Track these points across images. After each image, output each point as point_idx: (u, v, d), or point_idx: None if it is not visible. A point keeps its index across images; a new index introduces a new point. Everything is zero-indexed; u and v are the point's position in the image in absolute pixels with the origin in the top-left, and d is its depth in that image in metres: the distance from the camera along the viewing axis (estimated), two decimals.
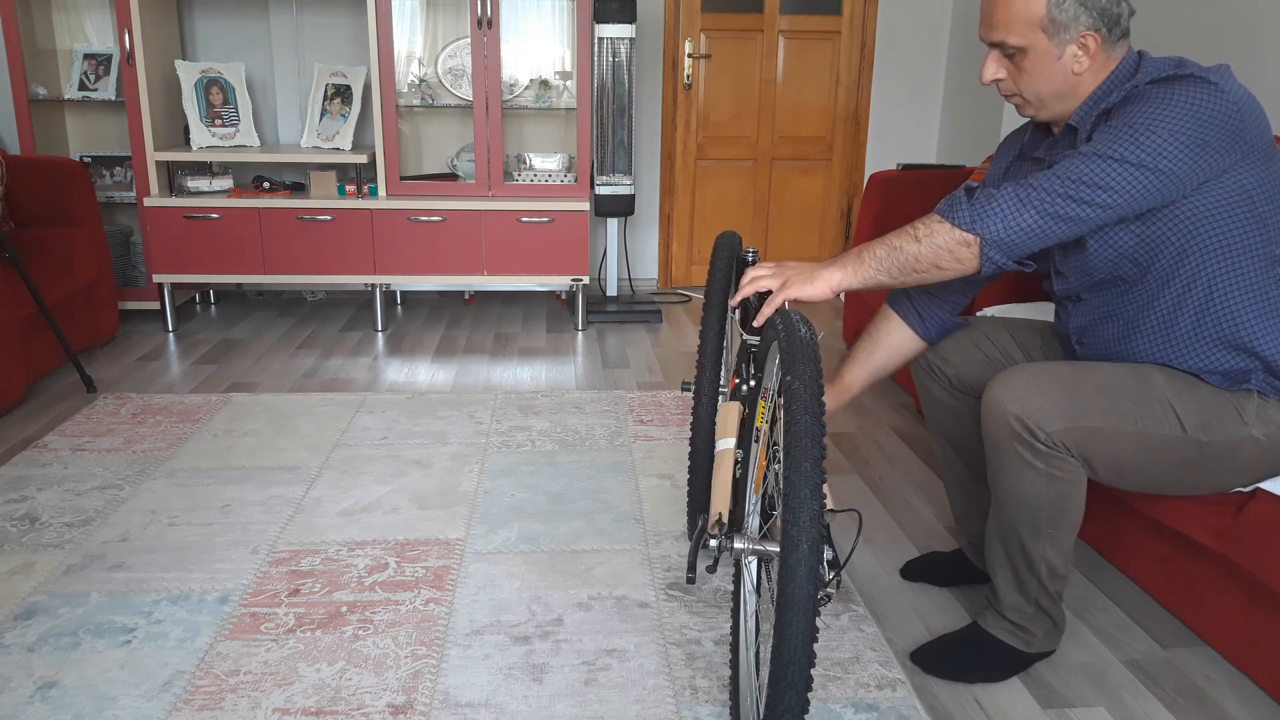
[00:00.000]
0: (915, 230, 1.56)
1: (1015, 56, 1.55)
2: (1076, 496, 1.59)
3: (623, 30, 3.75)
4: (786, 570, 1.22)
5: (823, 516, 1.37)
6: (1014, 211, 1.49)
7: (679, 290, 4.59)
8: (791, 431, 1.26)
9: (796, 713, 1.26)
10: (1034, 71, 1.54)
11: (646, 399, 3.09)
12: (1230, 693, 1.70)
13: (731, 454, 1.54)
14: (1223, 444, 1.55)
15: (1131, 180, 1.45)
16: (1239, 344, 1.54)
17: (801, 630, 1.23)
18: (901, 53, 4.43)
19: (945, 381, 1.86)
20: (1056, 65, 1.53)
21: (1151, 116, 1.44)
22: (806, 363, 1.33)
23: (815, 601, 1.23)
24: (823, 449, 1.26)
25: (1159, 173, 1.44)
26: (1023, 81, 1.57)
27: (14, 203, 3.34)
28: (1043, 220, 1.49)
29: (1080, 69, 1.53)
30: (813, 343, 1.37)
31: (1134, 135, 1.44)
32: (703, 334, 1.93)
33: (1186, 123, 1.43)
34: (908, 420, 2.97)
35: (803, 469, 1.24)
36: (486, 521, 2.26)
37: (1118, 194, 1.46)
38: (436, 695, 1.65)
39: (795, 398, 1.28)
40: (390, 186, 3.78)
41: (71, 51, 3.87)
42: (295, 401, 3.02)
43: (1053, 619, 1.72)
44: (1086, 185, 1.46)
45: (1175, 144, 1.43)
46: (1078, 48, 1.51)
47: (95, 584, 1.97)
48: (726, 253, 1.98)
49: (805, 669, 1.25)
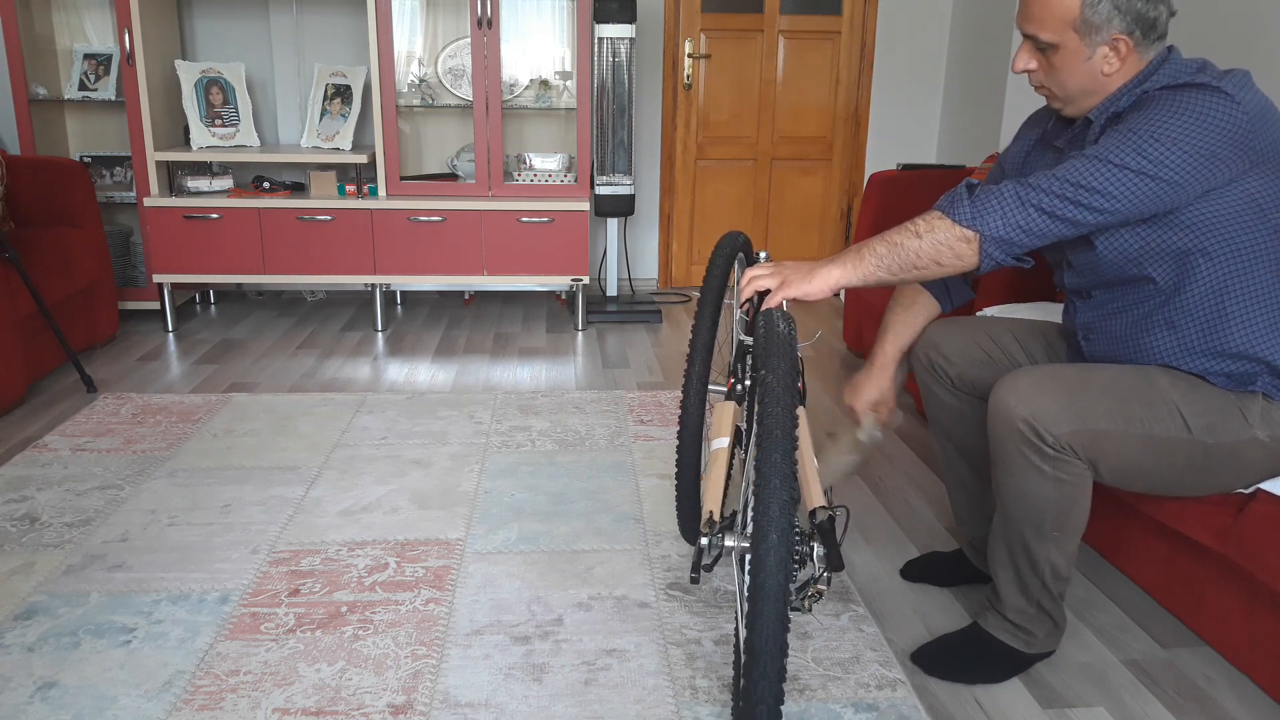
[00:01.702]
0: (915, 226, 1.56)
1: (1047, 51, 1.55)
2: (1082, 499, 1.59)
3: (623, 30, 3.75)
4: (756, 560, 1.23)
5: (813, 514, 1.38)
6: (1014, 210, 1.49)
7: (679, 290, 4.59)
8: (763, 424, 1.26)
9: (771, 703, 1.26)
10: (1063, 68, 1.55)
11: (646, 399, 3.09)
12: (1230, 693, 1.70)
13: (725, 453, 1.54)
14: (1227, 445, 1.55)
15: (1131, 186, 1.45)
16: (1247, 350, 1.54)
17: (772, 620, 1.23)
18: (901, 53, 4.43)
19: (948, 381, 1.85)
20: (1086, 65, 1.53)
21: (1157, 124, 1.44)
22: (780, 357, 1.33)
23: (786, 591, 1.23)
24: (793, 441, 1.26)
25: (1160, 180, 1.44)
26: (1052, 77, 1.57)
27: (14, 203, 3.34)
28: (1041, 220, 1.49)
29: (1110, 70, 1.53)
30: (789, 338, 1.38)
31: (1138, 141, 1.44)
32: (695, 329, 1.92)
33: (1192, 131, 1.43)
34: (908, 420, 2.97)
35: (772, 460, 1.24)
36: (486, 521, 2.26)
37: (1117, 199, 1.46)
38: (436, 695, 1.65)
39: (768, 391, 1.29)
40: (390, 186, 3.78)
41: (71, 51, 3.87)
42: (295, 401, 3.02)
43: (1054, 619, 1.72)
44: (1086, 189, 1.46)
45: (1178, 153, 1.43)
46: (1109, 49, 1.51)
47: (95, 584, 1.97)
48: (727, 252, 1.97)
49: (778, 659, 1.25)
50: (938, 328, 1.89)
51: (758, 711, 1.27)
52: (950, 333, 1.86)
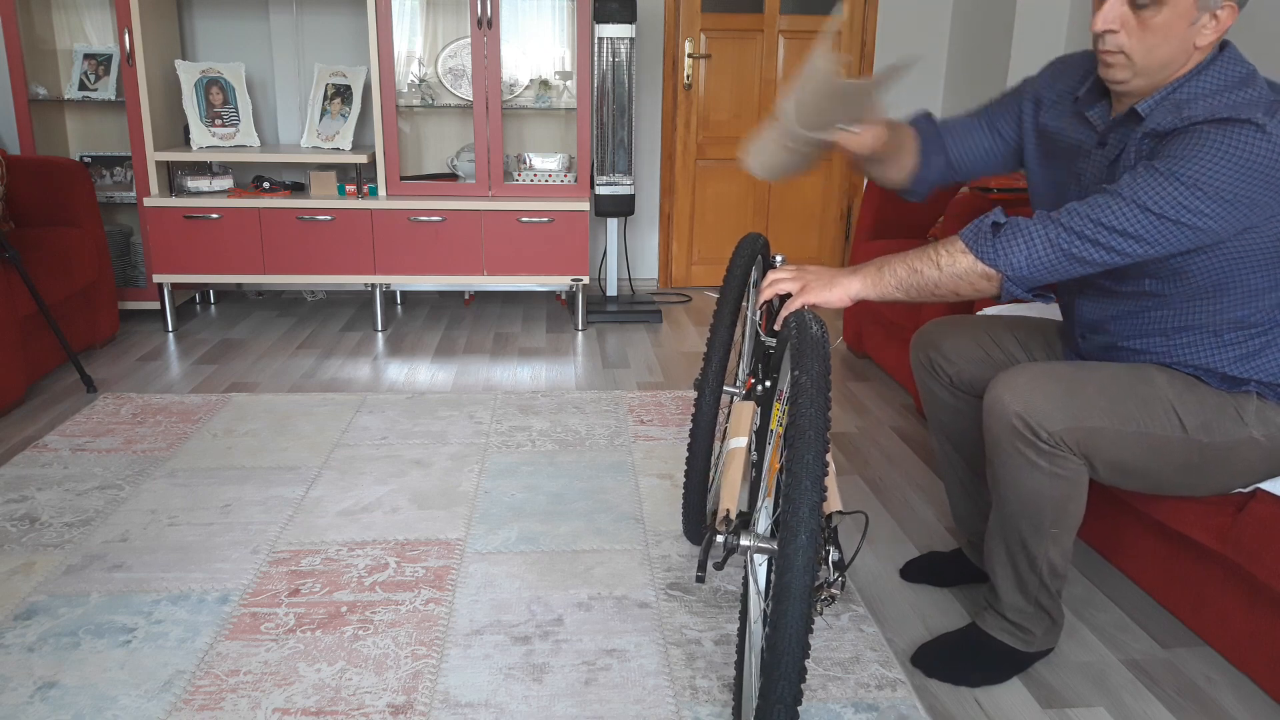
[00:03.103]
0: (937, 257, 1.53)
1: (1147, 10, 1.40)
2: (1078, 495, 1.59)
3: (623, 30, 3.75)
4: (784, 560, 1.23)
5: (830, 517, 1.38)
6: (1041, 251, 1.46)
7: (679, 290, 4.59)
8: (795, 424, 1.26)
9: (789, 703, 1.26)
10: (1162, 31, 1.40)
11: (646, 399, 3.09)
12: (1230, 693, 1.70)
13: (743, 452, 1.54)
14: (1223, 445, 1.56)
15: (1166, 234, 1.41)
16: (1244, 373, 1.56)
17: (796, 619, 1.23)
18: (901, 52, 4.43)
19: (946, 380, 1.86)
20: (1187, 31, 1.40)
21: (1198, 169, 1.37)
22: (815, 359, 1.34)
23: (811, 592, 1.23)
24: (826, 443, 1.26)
25: (1193, 229, 1.40)
26: (1142, 40, 1.42)
27: (14, 203, 3.34)
28: (1069, 263, 1.46)
29: (1203, 42, 1.42)
30: (823, 341, 1.38)
31: (1176, 189, 1.38)
32: (713, 329, 1.93)
33: (1234, 179, 1.36)
34: (908, 420, 2.97)
35: (804, 460, 1.24)
36: (486, 521, 2.26)
37: (1148, 244, 1.42)
38: (436, 695, 1.65)
39: (801, 391, 1.29)
40: (390, 186, 3.78)
41: (71, 51, 3.87)
42: (295, 401, 3.02)
43: (1052, 617, 1.72)
44: (1118, 233, 1.42)
45: (1215, 203, 1.38)
46: (1211, 17, 1.40)
47: (95, 584, 1.97)
48: (748, 253, 1.98)
49: (799, 659, 1.25)
50: (937, 328, 1.89)
51: (775, 710, 1.27)
52: (950, 333, 1.87)
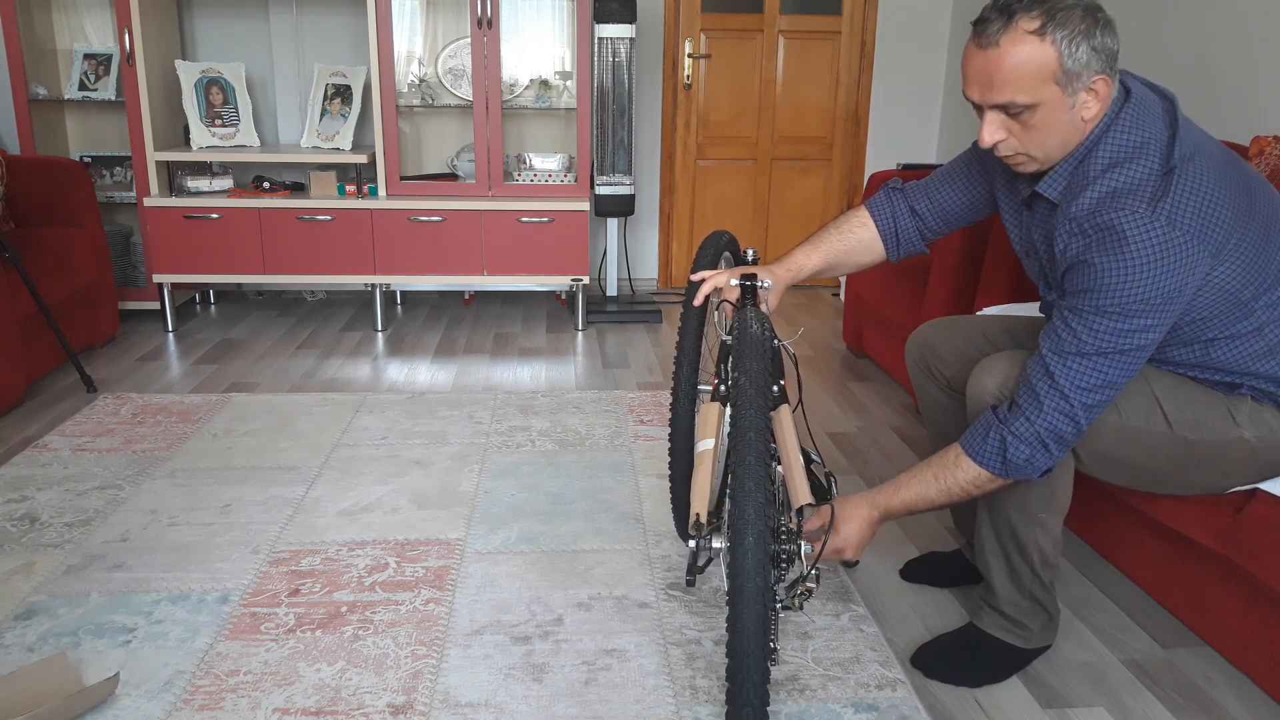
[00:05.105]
0: (943, 479, 1.57)
1: (1023, 115, 1.44)
2: (1064, 479, 1.61)
3: (623, 30, 3.75)
4: (735, 563, 1.22)
5: (800, 511, 1.38)
6: (1041, 454, 1.50)
7: (679, 290, 4.59)
8: (736, 425, 1.26)
9: (756, 705, 1.26)
10: (1045, 126, 1.44)
11: (646, 399, 3.09)
12: (1230, 693, 1.70)
13: (711, 455, 1.54)
14: (1211, 443, 1.56)
15: (1133, 359, 1.45)
16: (1237, 376, 1.56)
17: (752, 622, 1.23)
18: (901, 53, 4.43)
19: (942, 382, 1.86)
20: (1068, 116, 1.44)
21: (1122, 295, 1.40)
22: (753, 359, 1.33)
23: (765, 594, 1.23)
24: (766, 442, 1.26)
25: (1151, 336, 1.44)
26: (1031, 139, 1.46)
27: (14, 203, 3.34)
28: (1069, 446, 1.51)
29: (1090, 115, 1.44)
30: (762, 340, 1.38)
31: (1113, 324, 1.42)
32: (681, 332, 1.89)
33: (1156, 288, 1.39)
34: (908, 420, 2.97)
35: (746, 462, 1.24)
36: (486, 521, 2.26)
37: (1129, 374, 1.46)
38: (436, 695, 1.65)
39: (740, 393, 1.28)
40: (390, 186, 3.78)
41: (71, 51, 3.87)
42: (295, 401, 3.02)
43: (1047, 611, 1.72)
44: (1102, 388, 1.46)
45: (1155, 315, 1.41)
46: (1087, 94, 1.42)
47: (95, 584, 1.97)
48: (711, 253, 1.94)
49: (760, 661, 1.24)
50: (933, 329, 1.89)
51: (744, 714, 1.27)
52: (945, 334, 1.87)
